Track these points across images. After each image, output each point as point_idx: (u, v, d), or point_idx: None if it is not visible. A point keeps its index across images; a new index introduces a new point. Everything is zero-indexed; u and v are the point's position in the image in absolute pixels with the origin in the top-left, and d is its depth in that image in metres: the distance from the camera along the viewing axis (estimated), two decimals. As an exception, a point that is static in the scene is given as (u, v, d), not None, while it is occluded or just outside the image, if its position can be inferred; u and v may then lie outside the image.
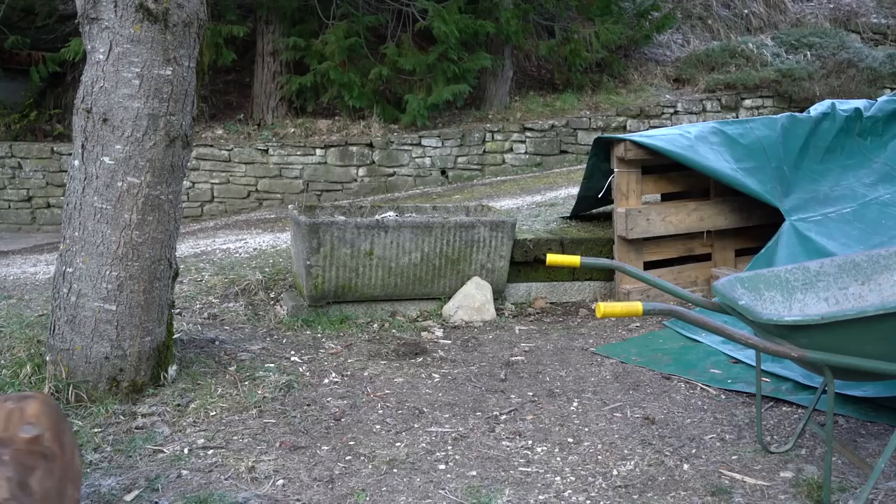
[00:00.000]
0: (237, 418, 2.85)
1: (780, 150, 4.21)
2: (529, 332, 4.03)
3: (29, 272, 5.23)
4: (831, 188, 4.21)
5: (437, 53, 9.13)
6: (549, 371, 3.39)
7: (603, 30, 9.81)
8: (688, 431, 2.71)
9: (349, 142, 9.11)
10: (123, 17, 2.75)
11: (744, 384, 3.10)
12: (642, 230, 4.29)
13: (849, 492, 2.22)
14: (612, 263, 2.71)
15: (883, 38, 12.00)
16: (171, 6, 2.80)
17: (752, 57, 10.65)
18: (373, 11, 9.64)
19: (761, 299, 2.39)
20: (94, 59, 2.81)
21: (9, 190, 8.89)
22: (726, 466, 2.43)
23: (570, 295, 4.64)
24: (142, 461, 2.53)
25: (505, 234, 4.26)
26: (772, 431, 2.69)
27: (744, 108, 10.27)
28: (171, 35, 2.81)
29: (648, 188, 4.42)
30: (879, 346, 2.01)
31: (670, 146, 4.12)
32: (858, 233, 3.85)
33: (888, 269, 2.51)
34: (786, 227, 3.95)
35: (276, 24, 9.67)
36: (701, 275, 4.52)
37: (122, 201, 2.81)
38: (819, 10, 12.26)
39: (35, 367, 2.93)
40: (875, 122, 4.40)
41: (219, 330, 3.84)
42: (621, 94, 10.38)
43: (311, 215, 4.38)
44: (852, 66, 10.29)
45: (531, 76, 11.14)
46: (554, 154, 9.59)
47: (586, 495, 2.28)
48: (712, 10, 12.01)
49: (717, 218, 4.44)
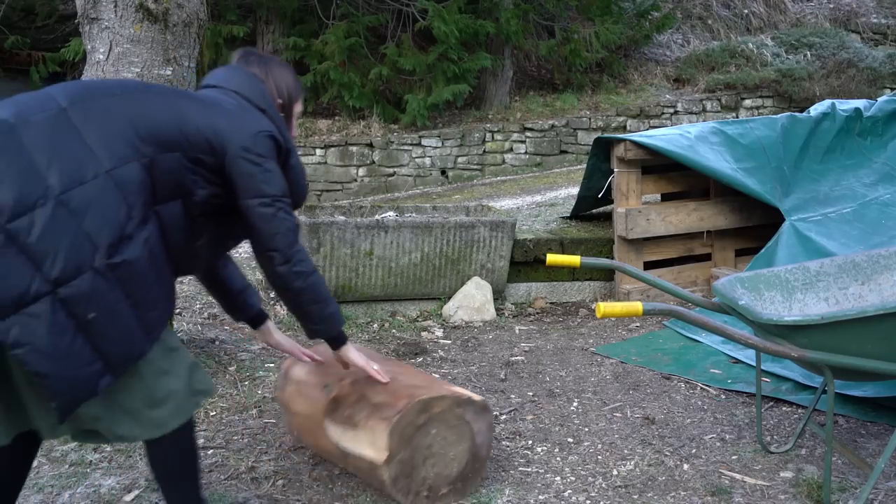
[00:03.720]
0: (237, 418, 2.85)
1: (780, 150, 4.21)
2: (529, 332, 4.03)
3: (29, 272, 5.23)
4: (831, 188, 4.21)
5: (437, 53, 9.13)
6: (549, 371, 3.39)
7: (603, 30, 9.82)
8: (688, 431, 2.71)
9: (349, 142, 9.11)
10: (123, 17, 2.75)
11: (744, 384, 3.10)
12: (642, 230, 4.29)
13: (849, 492, 2.22)
14: (612, 263, 2.71)
15: (883, 38, 12.01)
16: (171, 6, 2.80)
17: (752, 57, 10.65)
18: (373, 11, 9.64)
19: (761, 299, 2.39)
20: (94, 59, 2.81)
21: (9, 190, 8.89)
22: (726, 466, 2.43)
23: (570, 295, 4.64)
24: (142, 461, 2.53)
25: (505, 234, 4.26)
26: (772, 431, 2.69)
27: (744, 108, 10.27)
28: (171, 35, 2.81)
29: (648, 188, 4.42)
30: (879, 346, 2.01)
31: (670, 146, 4.12)
32: (858, 233, 3.85)
33: (888, 269, 2.51)
34: (786, 227, 3.95)
35: (276, 24, 9.67)
36: (701, 275, 4.53)
37: (122, 201, 2.81)
38: (819, 10, 12.26)
39: (35, 367, 2.93)
40: (875, 122, 4.40)
41: (219, 330, 3.84)
42: (621, 94, 10.38)
43: (310, 215, 4.38)
44: (852, 66, 10.29)
45: (531, 76, 11.15)
46: (554, 154, 9.59)
47: (586, 495, 2.28)
48: (712, 10, 12.01)
49: (717, 218, 4.45)
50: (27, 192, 1.54)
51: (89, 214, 1.58)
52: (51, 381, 1.54)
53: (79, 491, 2.34)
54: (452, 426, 2.20)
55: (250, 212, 1.84)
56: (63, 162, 1.59)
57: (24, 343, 1.51)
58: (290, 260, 1.89)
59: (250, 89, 1.95)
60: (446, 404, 2.19)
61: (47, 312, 1.53)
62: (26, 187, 1.54)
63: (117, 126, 1.69)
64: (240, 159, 1.81)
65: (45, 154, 1.58)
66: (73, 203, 1.57)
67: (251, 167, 1.82)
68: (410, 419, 2.12)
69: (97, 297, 1.58)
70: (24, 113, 1.62)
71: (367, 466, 2.15)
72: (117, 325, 1.63)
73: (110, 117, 1.69)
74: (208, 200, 1.83)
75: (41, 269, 1.52)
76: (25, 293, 1.51)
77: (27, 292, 1.51)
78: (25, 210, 1.53)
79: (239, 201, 1.84)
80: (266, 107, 1.94)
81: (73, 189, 1.58)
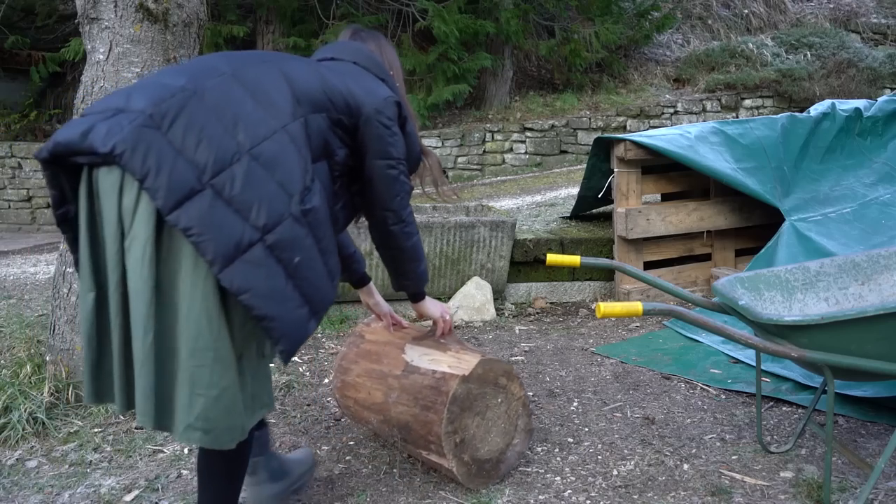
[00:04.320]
0: (237, 418, 2.85)
1: (780, 150, 4.21)
2: (529, 332, 4.03)
3: (29, 272, 5.23)
4: (831, 188, 4.21)
5: (437, 53, 9.13)
6: (549, 371, 3.39)
7: (603, 30, 9.81)
8: (688, 431, 2.71)
9: (349, 142, 9.10)
10: (123, 17, 2.75)
11: (744, 384, 3.10)
12: (642, 230, 4.29)
13: (849, 492, 2.22)
14: (612, 263, 2.71)
15: (883, 38, 12.01)
16: (171, 6, 2.80)
17: (752, 57, 10.65)
18: (373, 11, 9.64)
19: (761, 299, 2.39)
20: (94, 59, 2.81)
21: (9, 190, 8.89)
22: (726, 466, 2.43)
23: (570, 295, 4.64)
24: (142, 461, 2.53)
25: (505, 234, 4.26)
26: (772, 431, 2.69)
27: (744, 108, 10.27)
28: (171, 35, 2.81)
29: (648, 188, 4.42)
30: (879, 346, 2.01)
31: (670, 146, 4.12)
32: (858, 233, 3.85)
33: (888, 269, 2.51)
34: (786, 227, 3.95)
35: (276, 24, 9.66)
36: (701, 275, 4.53)
37: (122, 201, 2.81)
38: (819, 10, 12.26)
39: (35, 367, 2.93)
40: (875, 122, 4.40)
41: (219, 330, 3.83)
42: (621, 94, 10.38)
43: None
44: (852, 66, 10.29)
45: (531, 76, 11.14)
46: (554, 154, 9.59)
47: (586, 495, 2.28)
48: (712, 10, 12.01)
49: (717, 218, 4.45)
50: (223, 149, 1.62)
51: (278, 166, 1.68)
52: (277, 324, 1.61)
53: (79, 491, 2.34)
54: (508, 417, 2.34)
55: (375, 172, 1.96)
56: (246, 121, 1.68)
57: (248, 288, 1.57)
58: (403, 220, 2.02)
59: (369, 60, 2.08)
60: (520, 398, 2.37)
61: (262, 258, 1.60)
62: (222, 146, 1.62)
63: (278, 88, 1.78)
64: (373, 121, 1.93)
65: (229, 114, 1.67)
66: (262, 157, 1.66)
67: (382, 130, 1.94)
68: (495, 373, 2.29)
69: (298, 242, 1.67)
70: (198, 79, 1.70)
71: (431, 382, 2.26)
72: (315, 270, 1.73)
73: (270, 80, 1.79)
74: (345, 162, 1.94)
75: (248, 219, 1.60)
76: (241, 241, 1.58)
77: (242, 240, 1.58)
78: (224, 166, 1.60)
79: (366, 161, 1.96)
80: (385, 77, 2.07)
81: (260, 144, 1.67)
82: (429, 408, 2.24)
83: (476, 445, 2.28)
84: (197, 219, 1.54)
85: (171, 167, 1.54)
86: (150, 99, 1.62)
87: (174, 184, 1.54)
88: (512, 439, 2.36)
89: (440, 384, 2.23)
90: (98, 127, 1.57)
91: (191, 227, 1.53)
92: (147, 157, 1.53)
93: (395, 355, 2.44)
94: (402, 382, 2.36)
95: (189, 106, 1.63)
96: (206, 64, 1.78)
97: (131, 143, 1.53)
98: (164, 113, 1.59)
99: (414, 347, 2.42)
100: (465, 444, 2.25)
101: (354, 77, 1.97)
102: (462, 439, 2.24)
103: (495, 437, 2.32)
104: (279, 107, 1.75)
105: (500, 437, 2.33)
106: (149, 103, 1.60)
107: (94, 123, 1.58)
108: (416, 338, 2.47)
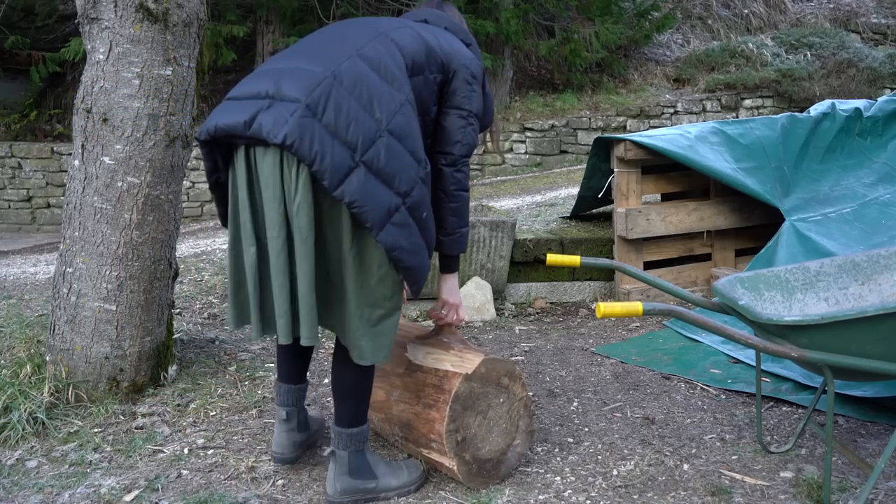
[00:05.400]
0: (237, 418, 2.85)
1: (780, 150, 4.21)
2: (529, 332, 4.03)
3: (29, 272, 5.23)
4: (831, 188, 4.21)
5: (437, 53, 9.13)
6: (549, 371, 3.39)
7: (603, 30, 9.81)
8: (688, 431, 2.71)
9: (349, 142, 9.10)
10: (123, 17, 2.75)
11: (744, 384, 3.10)
12: (642, 230, 4.29)
13: (849, 492, 2.23)
14: (612, 263, 2.71)
15: (883, 38, 12.01)
16: (171, 6, 2.79)
17: (752, 57, 10.65)
18: (373, 11, 9.63)
19: (761, 299, 2.39)
20: (94, 59, 2.80)
21: (9, 190, 8.89)
22: (726, 466, 2.43)
23: (570, 295, 4.64)
24: (142, 461, 2.53)
25: (505, 234, 4.26)
26: (772, 431, 2.69)
27: (744, 108, 10.27)
28: (171, 35, 2.81)
29: (648, 188, 4.42)
30: (879, 346, 2.01)
31: (670, 146, 4.12)
32: (858, 233, 3.85)
33: (888, 269, 2.51)
34: (786, 227, 3.95)
35: (276, 24, 9.66)
36: (701, 275, 4.53)
37: (122, 201, 2.81)
38: (819, 10, 12.26)
39: (35, 367, 2.93)
40: (875, 122, 4.40)
41: (219, 330, 3.84)
42: (621, 94, 10.38)
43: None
44: (852, 66, 10.29)
45: (531, 76, 11.14)
46: (554, 154, 9.59)
47: (586, 495, 2.28)
48: (712, 10, 12.01)
49: (717, 218, 4.45)
50: (367, 129, 1.89)
51: (407, 136, 1.96)
52: (416, 272, 2.00)
53: (79, 491, 2.34)
54: (510, 417, 2.35)
55: (448, 119, 2.18)
56: (379, 98, 1.94)
57: (397, 246, 1.93)
58: (455, 164, 2.19)
59: (457, 27, 2.35)
60: (522, 399, 2.37)
61: (405, 219, 1.94)
62: (367, 125, 1.90)
63: (394, 58, 2.03)
64: (460, 77, 2.17)
65: (365, 94, 1.92)
66: (396, 131, 1.94)
67: (465, 85, 2.18)
68: (498, 372, 2.30)
69: (424, 200, 2.02)
70: (332, 65, 1.94)
71: (434, 380, 2.27)
72: (432, 221, 2.08)
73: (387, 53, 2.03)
74: (435, 119, 2.18)
75: (392, 187, 1.92)
76: (390, 207, 1.91)
77: (391, 206, 1.91)
78: (370, 144, 1.89)
79: (442, 109, 2.18)
80: (470, 42, 2.33)
81: (393, 119, 1.94)
82: (431, 406, 2.24)
83: (477, 445, 2.28)
84: (357, 192, 1.85)
85: (332, 152, 1.84)
86: (301, 88, 1.87)
87: (336, 165, 1.84)
88: (513, 440, 2.36)
89: (443, 382, 2.24)
90: (262, 118, 1.85)
91: (354, 201, 1.85)
92: (312, 145, 1.82)
93: (398, 353, 2.44)
94: (405, 381, 2.36)
95: (333, 92, 1.89)
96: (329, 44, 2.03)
97: (298, 134, 1.82)
98: (316, 101, 1.86)
99: (417, 346, 2.43)
100: (466, 442, 2.25)
101: (448, 40, 2.22)
102: (464, 438, 2.24)
103: (497, 436, 2.32)
104: (399, 78, 2.00)
105: (502, 438, 2.33)
106: (301, 93, 1.86)
107: (255, 112, 1.86)
108: (419, 336, 2.47)
